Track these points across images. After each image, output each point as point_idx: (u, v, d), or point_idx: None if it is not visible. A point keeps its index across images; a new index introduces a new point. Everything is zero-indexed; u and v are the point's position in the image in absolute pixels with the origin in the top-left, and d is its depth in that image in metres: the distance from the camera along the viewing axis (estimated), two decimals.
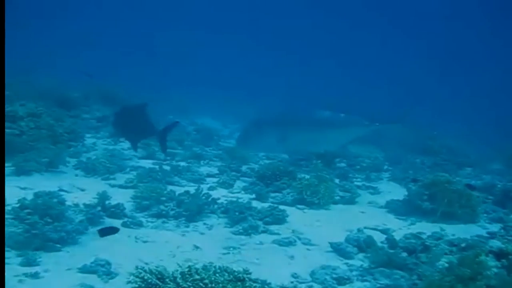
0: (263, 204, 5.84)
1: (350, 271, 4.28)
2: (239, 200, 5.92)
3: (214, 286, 2.79)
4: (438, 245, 4.55)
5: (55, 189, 5.35)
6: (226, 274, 2.97)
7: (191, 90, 17.47)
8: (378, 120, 8.96)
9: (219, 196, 5.96)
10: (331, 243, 4.80)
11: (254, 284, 2.98)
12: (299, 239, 4.98)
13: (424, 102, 17.72)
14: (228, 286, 2.87)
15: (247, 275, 3.00)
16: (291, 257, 4.55)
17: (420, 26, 30.96)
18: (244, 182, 6.98)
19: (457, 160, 9.47)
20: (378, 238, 4.98)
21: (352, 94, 17.66)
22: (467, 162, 9.73)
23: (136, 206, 5.42)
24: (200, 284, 2.83)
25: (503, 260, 3.49)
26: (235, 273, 3.00)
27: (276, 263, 4.37)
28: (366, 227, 5.44)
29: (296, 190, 6.24)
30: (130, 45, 26.94)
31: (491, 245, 3.80)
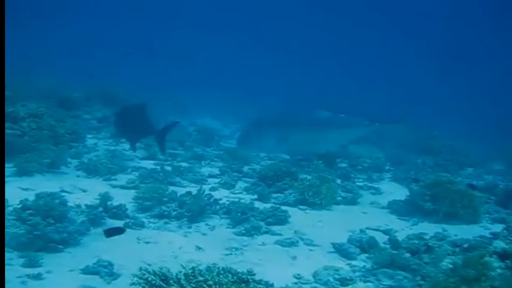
0: (265, 205, 5.83)
1: (353, 272, 4.27)
2: (241, 200, 5.91)
3: None
4: (441, 245, 4.53)
5: (56, 190, 5.33)
6: (230, 275, 2.96)
7: (191, 90, 17.47)
8: (378, 120, 8.95)
9: (221, 196, 5.95)
10: (333, 244, 4.79)
11: (258, 285, 2.97)
12: (302, 239, 4.97)
13: (424, 102, 17.73)
14: (232, 287, 2.86)
15: (251, 276, 2.99)
16: (294, 257, 4.54)
17: (420, 26, 30.98)
18: (246, 182, 6.97)
19: (458, 160, 9.46)
20: (381, 238, 4.97)
21: (352, 94, 17.67)
22: (468, 162, 9.72)
23: (138, 207, 5.41)
24: (204, 285, 2.82)
25: (507, 261, 3.48)
26: (239, 274, 2.99)
27: (278, 264, 4.37)
28: (369, 228, 5.43)
29: (298, 190, 6.24)
30: (130, 45, 26.93)
31: (494, 246, 3.79)
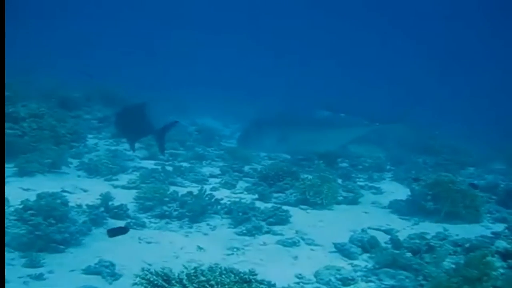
0: (266, 205, 5.82)
1: (355, 271, 4.26)
2: (242, 200, 5.91)
3: None
4: (443, 245, 4.53)
5: (58, 190, 5.32)
6: (232, 275, 2.95)
7: (191, 90, 17.46)
8: (378, 120, 8.96)
9: (222, 196, 5.94)
10: (335, 244, 4.79)
11: (260, 285, 2.96)
12: (303, 239, 4.97)
13: (424, 102, 17.73)
14: (234, 287, 2.86)
15: (253, 277, 2.99)
16: (295, 257, 4.53)
17: (420, 26, 30.99)
18: (247, 182, 6.96)
19: (459, 160, 9.45)
20: (382, 238, 4.96)
21: (352, 94, 17.68)
22: (469, 161, 9.71)
23: (139, 207, 5.41)
24: (206, 285, 2.81)
25: (509, 261, 3.48)
26: (241, 274, 2.98)
27: (280, 263, 4.36)
28: (370, 228, 5.42)
29: (299, 190, 6.23)
30: (130, 45, 26.93)
31: (496, 245, 3.78)
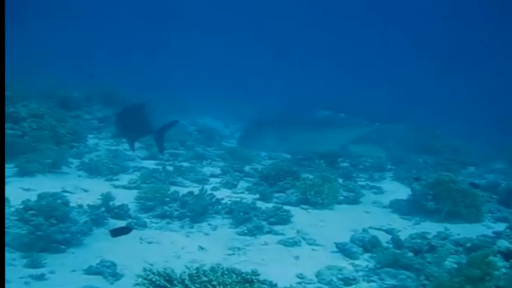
0: (267, 205, 5.82)
1: (356, 271, 4.26)
2: (243, 200, 5.91)
3: None
4: (444, 245, 4.52)
5: (58, 190, 5.32)
6: (234, 275, 2.94)
7: (191, 90, 17.45)
8: (378, 120, 8.96)
9: (222, 196, 5.94)
10: (336, 243, 4.78)
11: (262, 285, 2.95)
12: (304, 239, 4.96)
13: (424, 102, 17.73)
14: (236, 287, 2.85)
15: (255, 277, 2.98)
16: (296, 257, 4.53)
17: (420, 26, 30.99)
18: (248, 182, 6.96)
19: (459, 159, 9.45)
20: (383, 238, 4.96)
21: (352, 94, 17.68)
22: (469, 161, 9.71)
23: (140, 207, 5.40)
24: (208, 286, 2.80)
25: (511, 260, 3.47)
26: (243, 274, 2.97)
27: (281, 263, 4.35)
28: (371, 227, 5.42)
29: (300, 190, 6.23)
30: (130, 45, 26.92)
31: (498, 245, 3.78)
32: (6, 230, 4.05)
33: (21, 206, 4.29)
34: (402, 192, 6.97)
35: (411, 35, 31.18)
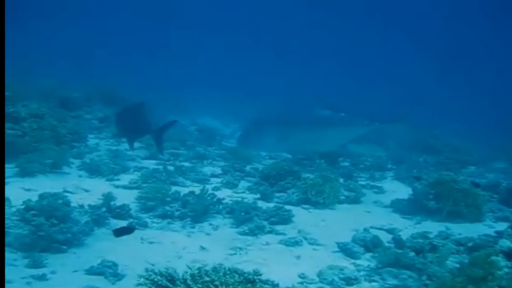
0: (268, 204, 5.82)
1: (358, 271, 4.25)
2: (244, 200, 5.90)
3: None
4: (445, 244, 4.52)
5: (59, 190, 5.31)
6: (236, 275, 2.94)
7: (191, 90, 17.44)
8: (378, 120, 8.97)
9: (223, 196, 5.93)
10: (337, 243, 4.78)
11: (264, 285, 2.95)
12: (305, 239, 4.96)
13: (424, 102, 17.72)
14: (239, 287, 2.84)
15: (258, 277, 2.98)
16: (298, 257, 4.52)
17: (420, 26, 30.98)
18: (249, 182, 6.95)
19: (460, 159, 9.44)
20: (385, 237, 4.96)
21: (352, 94, 17.68)
22: (470, 160, 9.71)
23: (141, 207, 5.40)
24: (210, 286, 2.80)
25: None
26: (245, 274, 2.97)
27: (283, 263, 4.35)
28: (372, 227, 5.41)
29: (301, 190, 6.22)
30: (130, 45, 26.91)
31: (500, 245, 3.77)
32: (7, 230, 4.05)
33: (22, 206, 4.29)
34: (403, 191, 6.97)
35: (411, 35, 31.18)
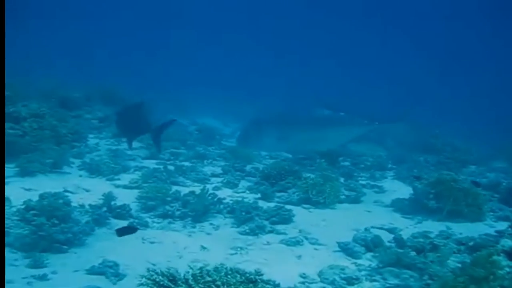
0: (268, 204, 5.81)
1: (359, 271, 4.25)
2: (245, 199, 5.90)
3: None
4: (447, 244, 4.51)
5: (60, 190, 5.30)
6: (238, 275, 2.93)
7: (191, 90, 17.44)
8: (378, 119, 8.98)
9: (224, 196, 5.93)
10: (338, 243, 4.77)
11: (266, 285, 2.94)
12: (306, 238, 4.95)
13: (424, 102, 17.73)
14: (240, 287, 2.84)
15: (259, 277, 2.97)
16: (299, 257, 4.52)
17: (420, 26, 30.98)
18: (249, 181, 6.95)
19: (460, 158, 9.43)
20: (385, 237, 4.95)
21: (352, 94, 17.68)
22: (470, 160, 9.70)
23: (141, 206, 5.39)
24: (212, 286, 2.79)
25: None
26: (246, 274, 2.96)
27: (284, 263, 4.34)
28: (373, 227, 5.41)
29: (301, 189, 6.22)
30: (130, 45, 26.90)
31: (502, 244, 3.76)
32: (8, 230, 4.04)
33: (22, 206, 4.28)
34: (403, 191, 6.96)
35: (411, 35, 31.18)
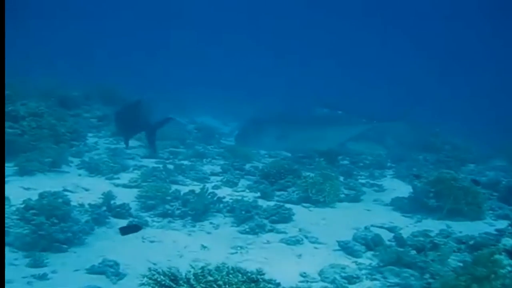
0: (268, 203, 5.80)
1: (359, 269, 4.24)
2: (244, 198, 5.88)
3: (228, 287, 2.74)
4: (447, 243, 4.50)
5: (59, 189, 5.28)
6: (240, 275, 2.91)
7: (191, 90, 17.44)
8: (376, 118, 8.99)
9: (224, 195, 5.91)
10: (338, 242, 4.76)
11: (268, 285, 2.93)
12: (306, 237, 4.94)
13: (424, 102, 17.73)
14: (242, 287, 2.82)
15: (261, 276, 2.95)
16: (299, 256, 4.51)
17: (420, 26, 30.98)
18: (248, 180, 6.93)
19: (460, 157, 9.42)
20: (385, 236, 4.94)
21: (352, 94, 17.68)
22: (469, 158, 9.70)
23: (141, 205, 5.38)
24: (214, 285, 2.78)
25: None
26: (248, 274, 2.95)
27: (284, 262, 4.33)
28: (373, 225, 5.40)
29: (301, 188, 6.21)
30: (130, 45, 26.88)
31: (503, 243, 3.76)
32: (7, 229, 4.03)
33: (22, 206, 4.26)
34: (403, 189, 6.96)
35: (411, 35, 31.18)
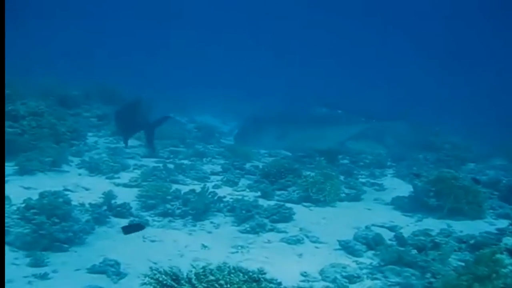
0: (269, 202, 5.79)
1: (360, 269, 4.23)
2: (245, 198, 5.88)
3: (230, 287, 2.74)
4: (448, 242, 4.50)
5: (59, 188, 5.28)
6: (241, 274, 2.91)
7: (191, 90, 17.45)
8: (376, 117, 9.00)
9: (224, 194, 5.90)
10: (339, 241, 4.76)
11: (269, 284, 2.92)
12: (307, 237, 4.94)
13: (424, 102, 17.74)
14: (244, 286, 2.82)
15: (262, 275, 2.95)
16: (300, 255, 4.50)
17: (420, 26, 30.99)
18: (249, 180, 6.93)
19: (460, 156, 9.42)
20: (386, 235, 4.94)
21: (352, 94, 17.68)
22: (470, 157, 9.70)
23: (141, 205, 5.37)
24: (215, 285, 2.77)
25: None
26: (250, 273, 2.94)
27: (285, 261, 4.33)
28: (374, 225, 5.39)
29: (301, 187, 6.20)
30: (130, 45, 26.88)
31: (505, 242, 3.75)
32: (8, 229, 4.02)
33: (22, 205, 4.26)
34: (403, 189, 6.95)
35: (411, 35, 31.19)
